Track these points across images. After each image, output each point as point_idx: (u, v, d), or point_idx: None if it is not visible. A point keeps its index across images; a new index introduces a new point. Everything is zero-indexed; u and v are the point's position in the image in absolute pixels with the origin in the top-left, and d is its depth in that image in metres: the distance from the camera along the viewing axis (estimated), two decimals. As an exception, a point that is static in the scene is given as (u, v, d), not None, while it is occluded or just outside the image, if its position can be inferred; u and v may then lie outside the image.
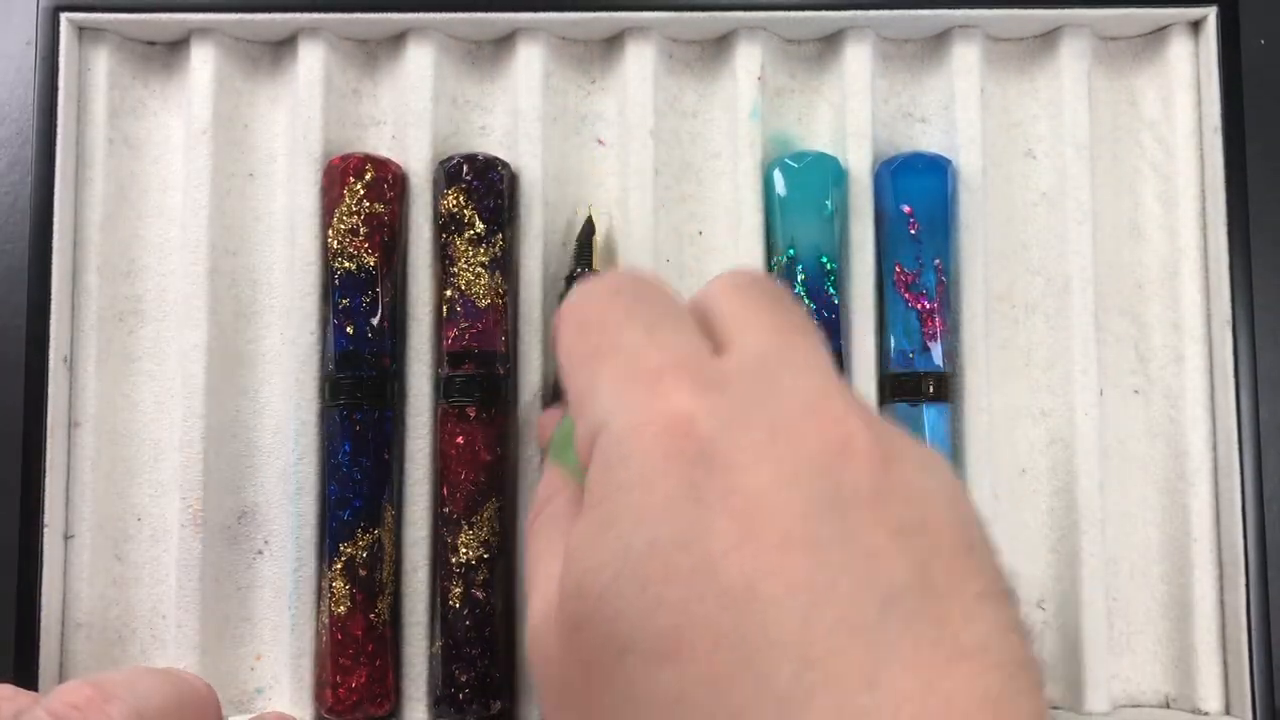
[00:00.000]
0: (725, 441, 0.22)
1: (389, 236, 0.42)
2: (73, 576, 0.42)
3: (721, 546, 0.20)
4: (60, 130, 0.42)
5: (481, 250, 0.41)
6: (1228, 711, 0.42)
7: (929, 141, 0.45)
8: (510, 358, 0.42)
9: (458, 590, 0.40)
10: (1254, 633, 0.41)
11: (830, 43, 0.45)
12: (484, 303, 0.41)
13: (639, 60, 0.44)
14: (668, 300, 0.27)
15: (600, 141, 0.45)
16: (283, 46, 0.45)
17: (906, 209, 0.42)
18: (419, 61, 0.43)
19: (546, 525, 0.28)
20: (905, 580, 0.20)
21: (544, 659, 0.24)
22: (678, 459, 0.22)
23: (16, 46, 0.43)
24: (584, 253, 0.42)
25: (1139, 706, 0.43)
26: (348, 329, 0.41)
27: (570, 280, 0.42)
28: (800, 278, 0.42)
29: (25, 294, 0.41)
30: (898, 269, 0.42)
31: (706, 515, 0.21)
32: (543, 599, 0.25)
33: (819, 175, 0.42)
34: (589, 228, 0.42)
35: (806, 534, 0.20)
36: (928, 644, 0.19)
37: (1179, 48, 0.44)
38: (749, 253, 0.43)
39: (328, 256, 0.42)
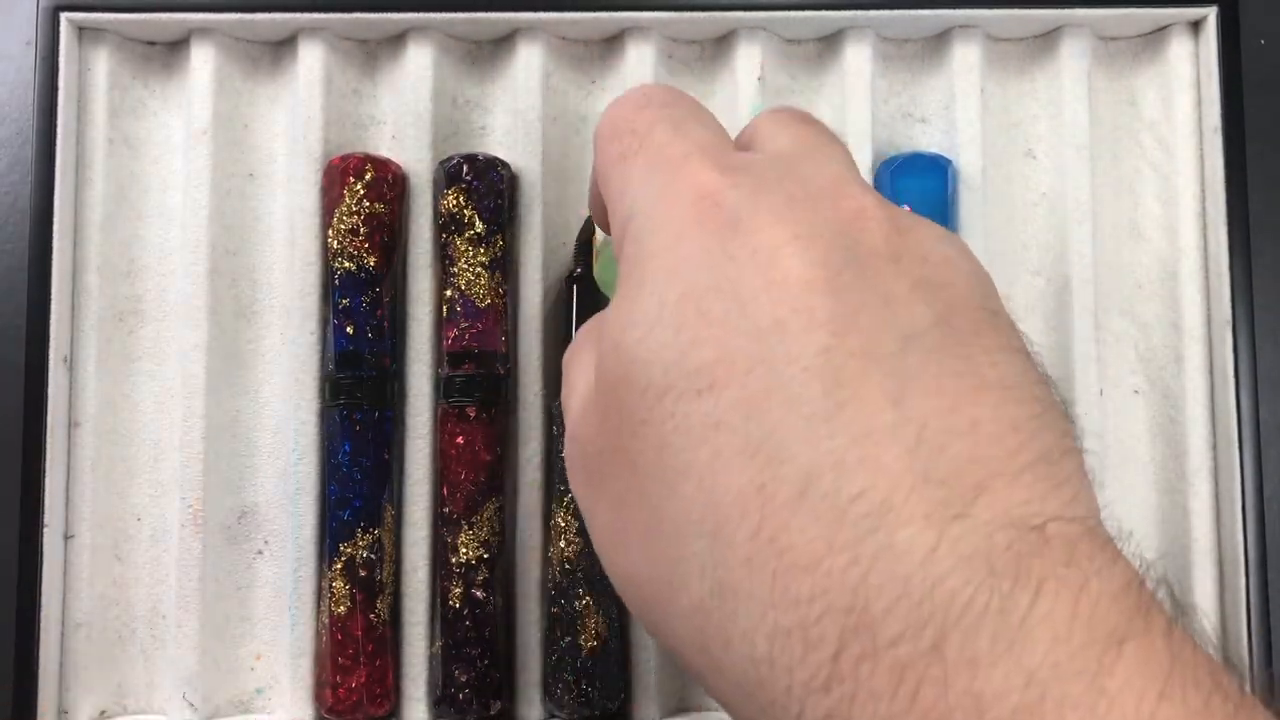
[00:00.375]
0: (748, 208, 0.23)
1: (389, 236, 0.42)
2: (73, 576, 0.42)
3: (750, 291, 0.21)
4: (60, 130, 0.42)
5: (481, 250, 0.41)
6: (1228, 712, 0.42)
7: (929, 141, 0.45)
8: (510, 358, 0.42)
9: (458, 590, 0.40)
10: (1254, 633, 0.41)
11: (830, 43, 0.45)
12: (484, 303, 0.41)
13: (639, 60, 0.44)
14: (695, 104, 0.28)
15: (600, 141, 0.45)
16: (283, 46, 0.45)
17: (906, 209, 0.42)
18: (419, 61, 0.43)
19: (582, 343, 0.28)
20: (926, 323, 0.21)
21: (582, 439, 0.25)
22: (705, 223, 0.23)
23: (16, 47, 0.43)
24: (583, 252, 0.42)
25: (1139, 706, 0.43)
26: (348, 329, 0.41)
27: (571, 280, 0.42)
28: (800, 278, 0.42)
29: (25, 294, 0.41)
30: (898, 269, 0.42)
31: (734, 267, 0.22)
32: (582, 386, 0.26)
33: (819, 175, 0.42)
34: (588, 227, 0.42)
35: (827, 278, 0.21)
36: (951, 374, 0.20)
37: (1179, 48, 0.44)
38: (749, 253, 0.43)
39: (328, 256, 0.42)
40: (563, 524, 0.40)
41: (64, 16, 0.42)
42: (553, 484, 0.41)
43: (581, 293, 0.42)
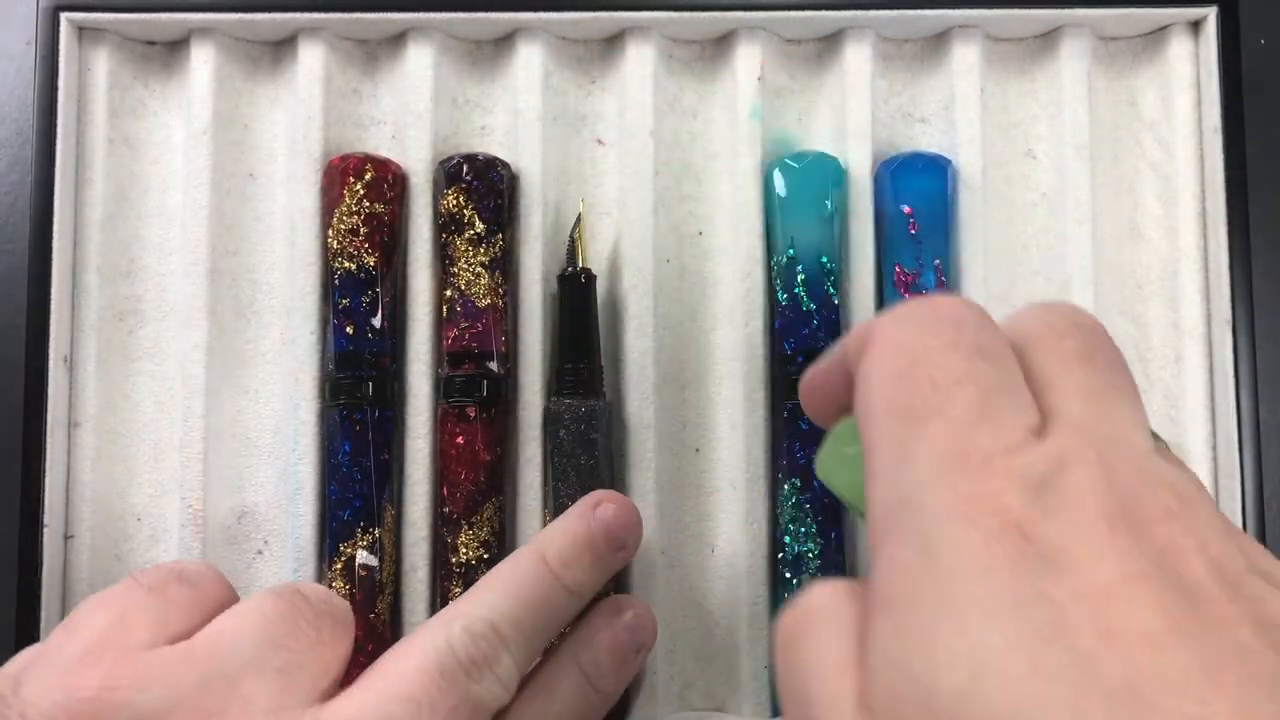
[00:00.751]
0: (1062, 539, 0.20)
1: (389, 236, 0.42)
2: (72, 577, 0.42)
3: (1087, 644, 0.19)
4: (60, 130, 0.42)
5: (481, 250, 0.41)
6: (1227, 712, 0.42)
7: (929, 142, 0.45)
8: (510, 358, 0.42)
9: (458, 590, 0.40)
10: (1254, 633, 0.41)
11: (830, 43, 0.45)
12: (484, 303, 0.41)
13: (639, 60, 0.44)
14: (1005, 355, 0.23)
15: (600, 141, 0.45)
16: (283, 46, 0.45)
17: (906, 209, 0.42)
18: (419, 61, 0.43)
19: (824, 628, 0.24)
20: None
21: None
22: (1016, 562, 0.20)
23: (16, 47, 0.43)
24: (573, 251, 0.42)
25: (1139, 707, 0.43)
26: (348, 329, 0.41)
27: (562, 280, 0.42)
28: (800, 278, 0.42)
29: (25, 293, 0.41)
30: (898, 269, 0.42)
31: (1060, 614, 0.19)
32: (824, 707, 0.22)
33: (819, 175, 0.42)
34: (578, 225, 0.42)
35: (1174, 628, 0.19)
36: None
37: (1179, 48, 0.44)
38: (749, 253, 0.43)
39: (328, 256, 0.42)
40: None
41: (64, 16, 0.42)
42: (549, 485, 0.41)
43: (570, 292, 0.42)
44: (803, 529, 0.41)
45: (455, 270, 0.41)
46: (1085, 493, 0.21)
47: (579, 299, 0.42)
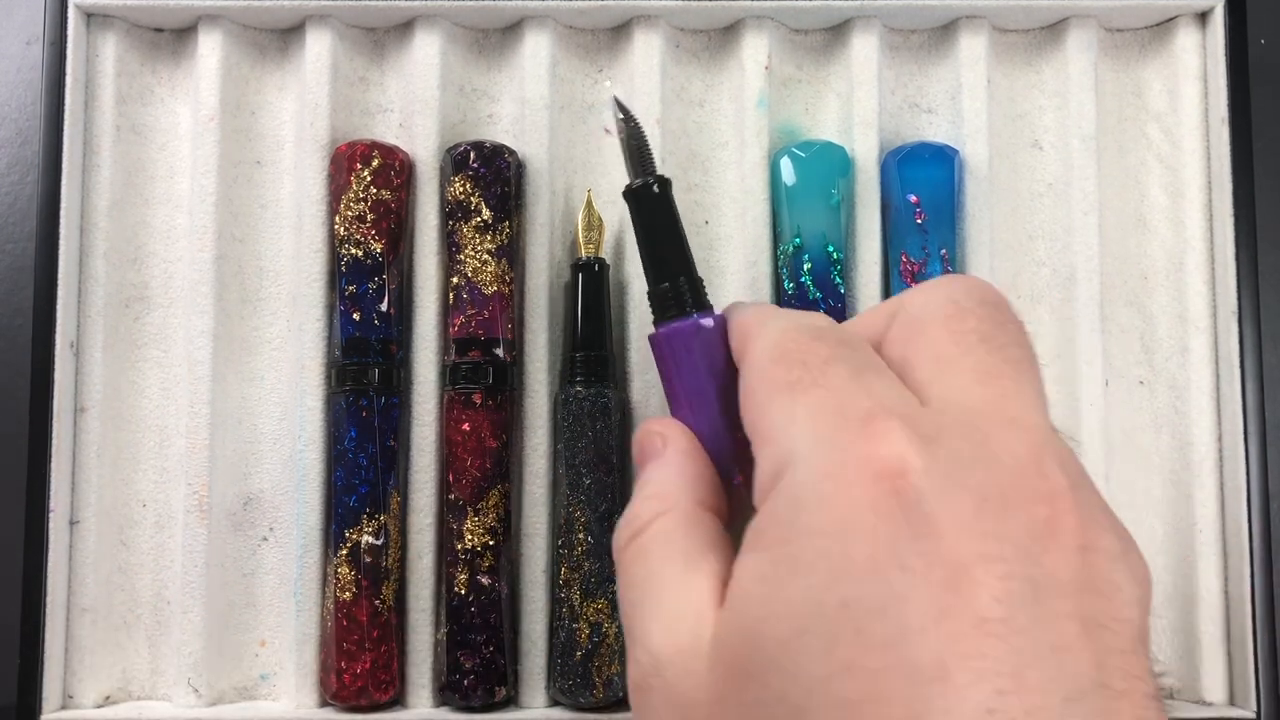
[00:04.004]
0: (935, 503, 0.20)
1: (396, 223, 0.42)
2: (78, 562, 0.42)
3: (919, 620, 0.19)
4: (68, 117, 0.42)
5: (488, 238, 0.41)
6: (1232, 702, 0.42)
7: (935, 132, 0.45)
8: (516, 344, 0.42)
9: (463, 576, 0.40)
10: (1259, 624, 0.41)
11: (837, 33, 0.45)
12: (490, 290, 0.41)
13: (646, 49, 0.44)
14: (869, 350, 0.25)
15: (607, 130, 0.45)
16: (290, 34, 0.45)
17: (913, 199, 0.42)
18: (426, 49, 0.43)
19: (653, 547, 0.26)
20: (1089, 678, 0.19)
21: (683, 700, 0.23)
22: (885, 514, 0.20)
23: (25, 34, 0.43)
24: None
25: (1143, 697, 0.43)
26: (354, 315, 0.41)
27: (576, 268, 0.42)
28: (806, 267, 0.42)
29: (32, 280, 0.42)
30: (904, 258, 0.42)
31: (907, 584, 0.20)
32: (668, 635, 0.23)
33: (826, 165, 0.42)
34: (589, 211, 0.42)
35: (1003, 619, 0.19)
36: None
37: (1185, 39, 0.44)
38: (756, 242, 0.43)
39: (334, 243, 0.42)
40: (576, 515, 0.40)
41: (72, 3, 0.42)
42: (560, 473, 0.41)
43: (587, 280, 0.42)
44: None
45: (462, 257, 0.41)
46: (961, 466, 0.21)
47: (591, 287, 0.42)
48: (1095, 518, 0.21)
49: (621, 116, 0.34)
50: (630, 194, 0.33)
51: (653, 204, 0.33)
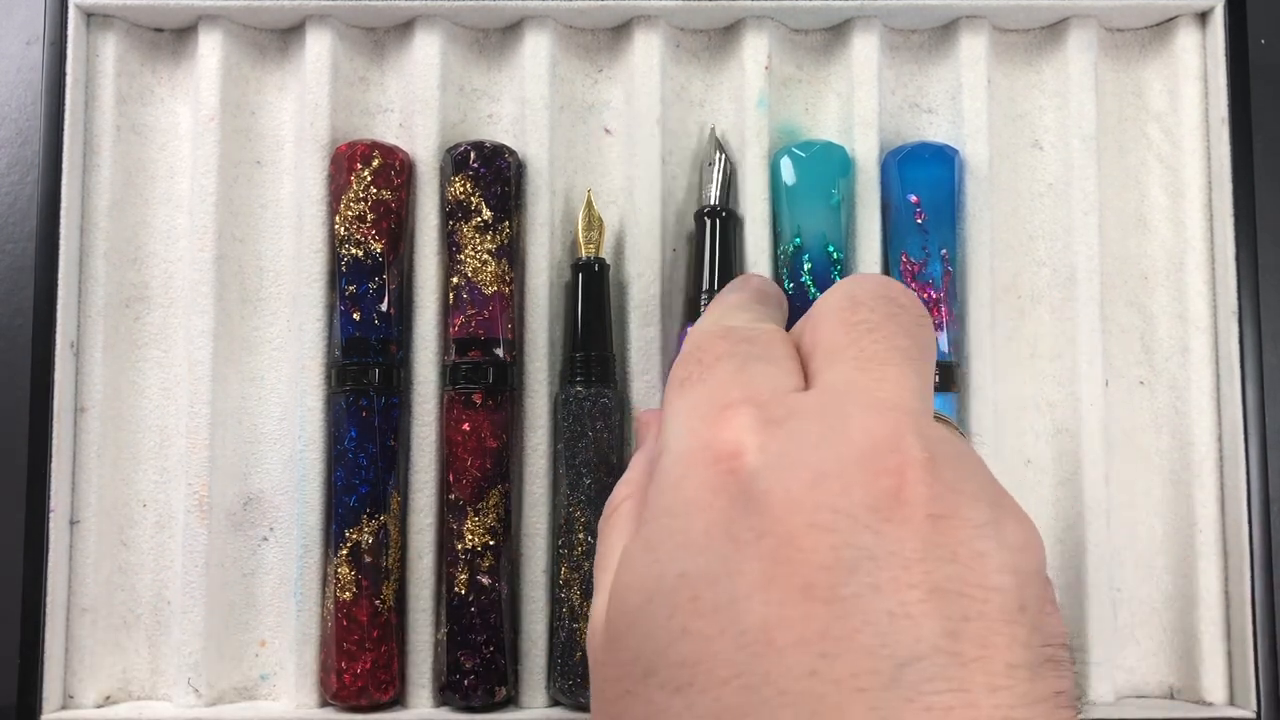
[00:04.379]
0: (767, 480, 0.21)
1: (396, 223, 0.42)
2: (78, 562, 0.42)
3: (746, 588, 0.20)
4: (68, 117, 0.42)
5: (488, 237, 0.41)
6: (1232, 702, 0.42)
7: (935, 132, 0.45)
8: (517, 345, 0.42)
9: (463, 576, 0.40)
10: (1259, 624, 0.41)
11: (837, 33, 0.45)
12: (490, 290, 0.41)
13: (646, 49, 0.44)
14: (774, 339, 0.26)
15: (607, 130, 0.45)
16: (290, 34, 0.45)
17: (913, 199, 0.42)
18: (426, 49, 0.43)
19: (614, 527, 0.28)
20: (930, 644, 0.20)
21: (593, 660, 0.25)
22: (720, 492, 0.22)
23: (25, 33, 0.43)
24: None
25: (1143, 697, 0.43)
26: (354, 315, 0.41)
27: (576, 267, 0.42)
28: (806, 267, 0.42)
29: (32, 279, 0.42)
30: (904, 259, 0.42)
31: (737, 554, 0.21)
32: (600, 594, 0.26)
33: (826, 165, 0.42)
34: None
35: (830, 585, 0.20)
36: (940, 711, 0.19)
37: (1186, 39, 0.44)
38: (756, 242, 0.43)
39: (334, 243, 0.42)
40: (576, 515, 0.40)
41: (72, 3, 0.42)
42: (560, 473, 0.41)
43: (587, 280, 0.42)
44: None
45: (462, 257, 0.41)
46: (802, 446, 0.22)
47: (592, 287, 0.42)
48: (957, 488, 0.21)
49: (723, 153, 0.43)
50: (711, 214, 0.42)
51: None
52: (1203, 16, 0.44)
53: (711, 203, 0.42)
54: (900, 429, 0.22)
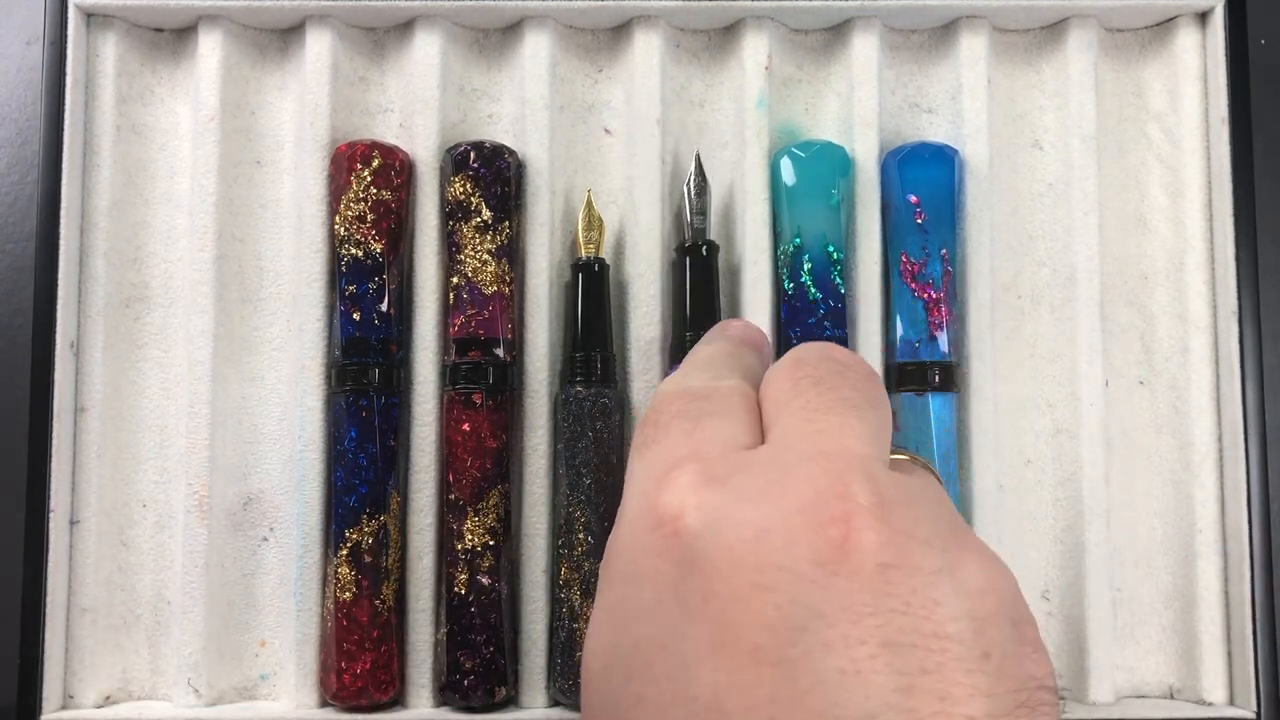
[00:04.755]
0: (710, 541, 0.21)
1: (396, 223, 0.42)
2: (78, 562, 0.42)
3: (695, 653, 0.20)
4: (68, 117, 0.42)
5: (488, 238, 0.41)
6: (1232, 702, 0.42)
7: (935, 132, 0.45)
8: (517, 345, 0.42)
9: (463, 576, 0.40)
10: (1258, 624, 0.41)
11: (837, 33, 0.45)
12: (490, 290, 0.41)
13: (646, 49, 0.44)
14: (732, 395, 0.26)
15: (607, 130, 0.45)
16: (290, 34, 0.45)
17: (913, 199, 0.42)
18: (426, 49, 0.43)
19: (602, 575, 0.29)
20: (882, 701, 0.19)
21: (584, 692, 0.25)
22: (665, 556, 0.22)
23: (25, 33, 0.43)
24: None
25: (1143, 697, 0.43)
26: (354, 315, 0.41)
27: (576, 268, 0.42)
28: (806, 267, 0.42)
29: (32, 280, 0.42)
30: (904, 258, 0.42)
31: (685, 620, 0.21)
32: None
33: (826, 165, 0.42)
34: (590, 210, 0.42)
35: (778, 646, 0.20)
36: None
37: (1186, 39, 0.44)
38: (756, 242, 0.43)
39: (334, 243, 0.42)
40: (576, 515, 0.40)
41: (72, 3, 0.42)
42: (560, 473, 0.41)
43: (587, 280, 0.42)
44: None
45: (462, 257, 0.41)
46: (744, 502, 0.21)
47: (591, 287, 0.42)
48: (909, 531, 0.21)
49: (700, 178, 0.42)
50: (686, 251, 0.42)
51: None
52: (1203, 16, 0.44)
53: (701, 237, 0.42)
54: (845, 476, 0.21)
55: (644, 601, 0.22)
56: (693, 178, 0.43)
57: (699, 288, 0.42)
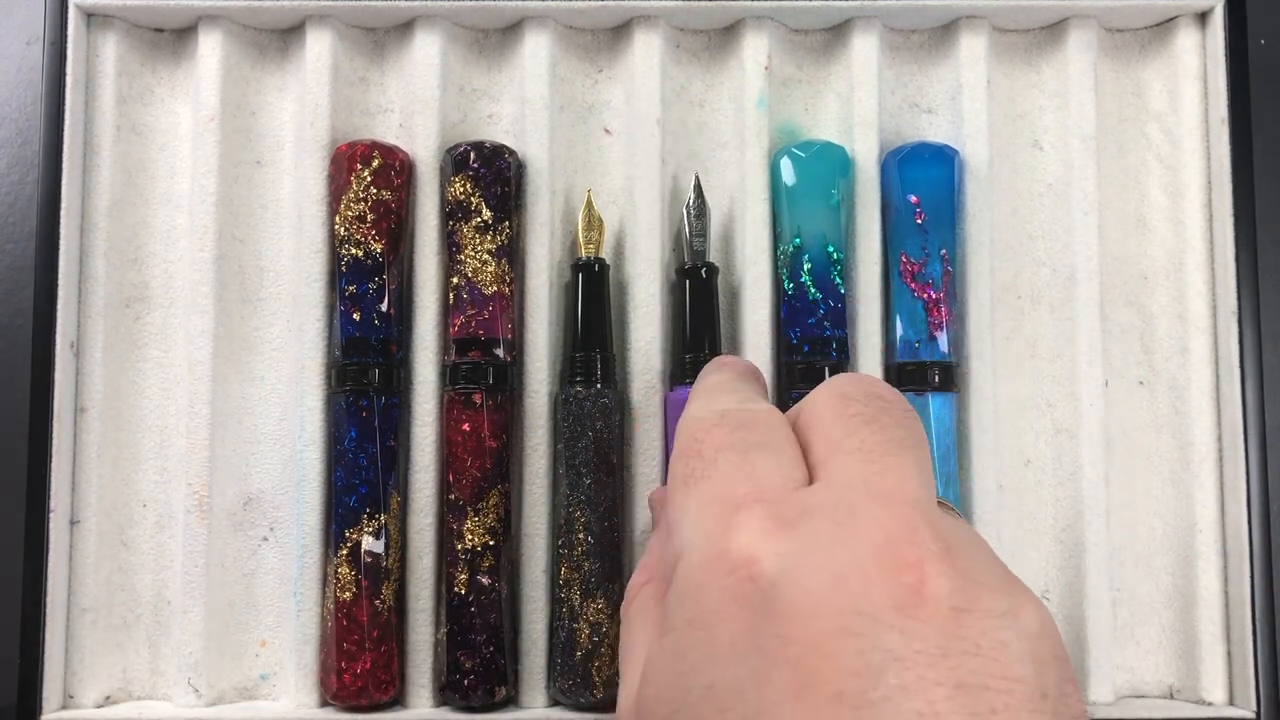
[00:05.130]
0: (788, 585, 0.21)
1: (396, 224, 0.42)
2: (78, 562, 0.42)
3: (776, 697, 0.20)
4: (68, 117, 0.42)
5: (488, 238, 0.41)
6: (1231, 702, 0.42)
7: (935, 132, 0.45)
8: (517, 345, 0.42)
9: (463, 576, 0.40)
10: (1258, 624, 0.41)
11: (837, 33, 0.45)
12: (490, 290, 0.41)
13: (646, 49, 0.44)
14: (771, 423, 0.26)
15: (607, 130, 0.45)
16: (290, 34, 0.45)
17: (913, 199, 0.42)
18: (426, 50, 0.43)
19: (637, 615, 0.28)
20: None
21: None
22: (743, 602, 0.22)
23: (25, 34, 0.43)
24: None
25: (1143, 697, 0.43)
26: (354, 315, 0.41)
27: (576, 268, 0.42)
28: (806, 266, 0.42)
29: (32, 280, 0.42)
30: (904, 259, 0.42)
31: (764, 664, 0.21)
32: (628, 686, 0.26)
33: (826, 165, 0.42)
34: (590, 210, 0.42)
35: (860, 690, 0.20)
36: None
37: (1186, 39, 0.44)
38: (756, 242, 0.43)
39: (334, 243, 0.42)
40: (576, 515, 0.40)
41: (72, 3, 0.42)
42: (560, 473, 0.41)
43: (587, 280, 0.42)
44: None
45: (462, 257, 0.41)
46: (819, 547, 0.22)
47: (591, 287, 0.42)
48: (975, 578, 0.22)
49: (699, 201, 0.42)
50: (686, 273, 0.42)
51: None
52: (1203, 17, 0.44)
53: (700, 259, 0.42)
54: (911, 521, 0.22)
55: (717, 646, 0.22)
56: (692, 200, 0.43)
57: (699, 310, 0.42)
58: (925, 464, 0.25)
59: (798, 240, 0.42)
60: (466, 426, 0.41)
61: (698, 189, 0.43)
